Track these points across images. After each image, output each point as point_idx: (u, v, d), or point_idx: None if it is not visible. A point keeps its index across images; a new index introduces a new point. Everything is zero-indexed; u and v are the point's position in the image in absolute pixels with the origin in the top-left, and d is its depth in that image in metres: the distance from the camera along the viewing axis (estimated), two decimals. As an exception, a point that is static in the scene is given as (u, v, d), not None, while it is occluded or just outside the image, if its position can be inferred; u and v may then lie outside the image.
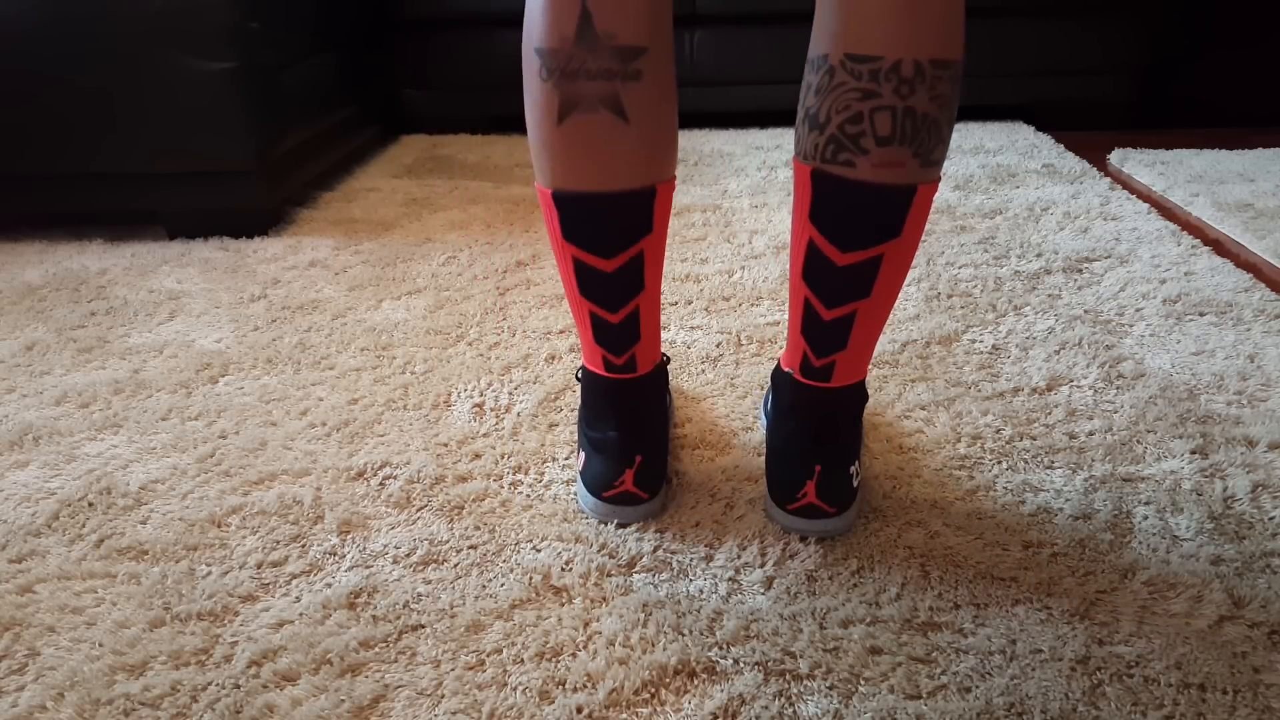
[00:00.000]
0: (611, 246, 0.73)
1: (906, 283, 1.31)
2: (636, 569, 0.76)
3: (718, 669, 0.66)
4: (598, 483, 0.81)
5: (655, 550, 0.78)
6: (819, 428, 0.78)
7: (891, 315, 1.21)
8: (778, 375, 0.82)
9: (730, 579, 0.74)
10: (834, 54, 0.65)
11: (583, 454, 0.84)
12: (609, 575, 0.75)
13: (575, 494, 0.86)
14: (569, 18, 0.66)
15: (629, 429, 0.80)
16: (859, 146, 0.66)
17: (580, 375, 0.84)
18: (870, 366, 1.08)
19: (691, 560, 0.77)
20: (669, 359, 0.87)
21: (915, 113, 0.65)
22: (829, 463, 0.78)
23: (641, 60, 0.67)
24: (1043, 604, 0.71)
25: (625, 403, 0.81)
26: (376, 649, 0.68)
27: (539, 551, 0.78)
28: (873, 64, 0.64)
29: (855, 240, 0.69)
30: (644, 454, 0.80)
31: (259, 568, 0.77)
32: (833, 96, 0.66)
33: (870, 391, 1.02)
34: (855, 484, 0.79)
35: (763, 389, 1.04)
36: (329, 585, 0.75)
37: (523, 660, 0.67)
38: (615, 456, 0.80)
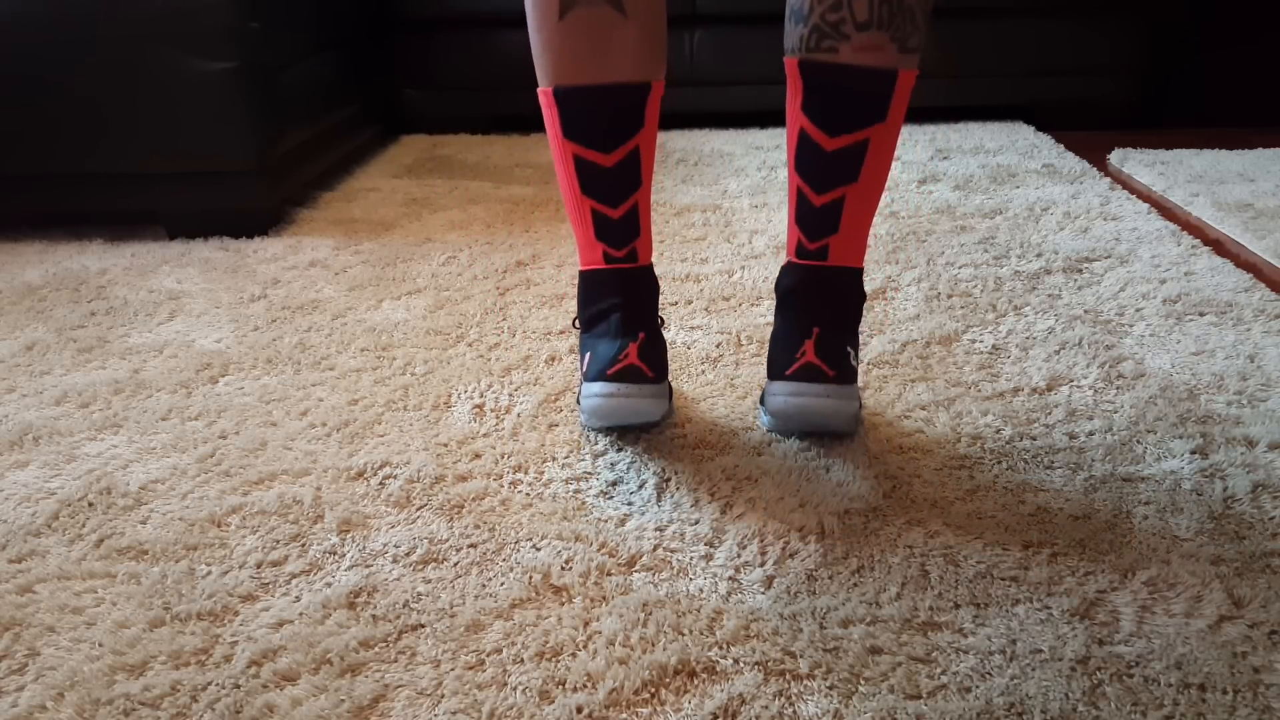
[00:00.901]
0: (610, 140, 0.76)
1: (906, 283, 1.32)
2: (636, 568, 0.76)
3: (718, 669, 0.66)
4: (602, 363, 0.81)
5: (655, 549, 0.78)
6: (816, 300, 0.82)
7: (891, 315, 1.21)
8: (780, 274, 0.86)
9: (730, 579, 0.74)
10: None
11: (585, 356, 0.85)
12: (609, 574, 0.75)
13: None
14: None
15: (632, 306, 0.82)
16: (840, 32, 0.71)
17: (578, 286, 0.87)
18: (870, 366, 1.08)
19: (691, 559, 0.77)
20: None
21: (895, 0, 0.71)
22: (827, 325, 0.81)
23: None
24: (1043, 604, 0.71)
25: (628, 286, 0.83)
26: (376, 649, 0.68)
27: (539, 550, 0.78)
28: None
29: (842, 124, 0.74)
30: (646, 332, 0.82)
31: (259, 567, 0.77)
32: None
33: (870, 392, 1.02)
34: (854, 364, 0.82)
35: (762, 389, 1.04)
36: (329, 585, 0.75)
37: (523, 660, 0.67)
38: (620, 332, 0.82)
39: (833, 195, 0.78)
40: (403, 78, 2.32)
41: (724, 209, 1.68)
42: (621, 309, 0.83)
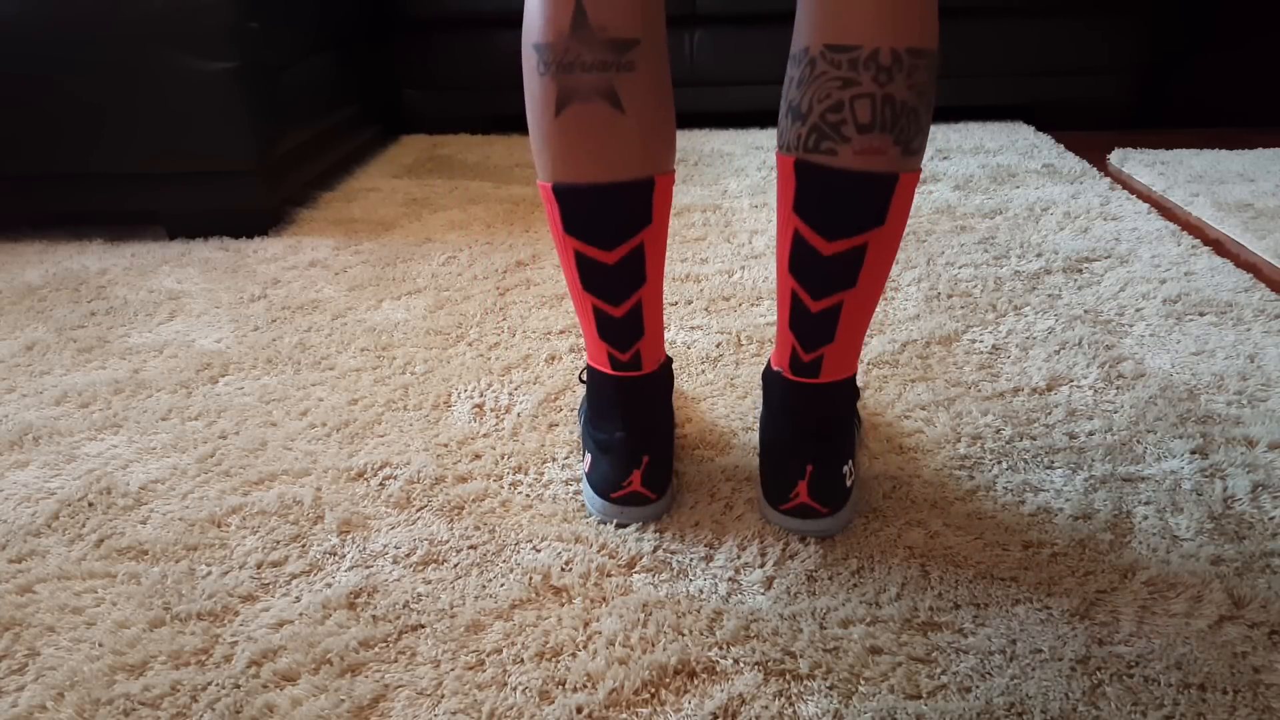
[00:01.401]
0: (611, 238, 0.74)
1: (906, 283, 1.31)
2: (636, 569, 0.76)
3: (718, 669, 0.66)
4: (605, 484, 0.81)
5: (655, 550, 0.78)
6: (810, 426, 0.78)
7: (891, 315, 1.21)
8: (768, 374, 0.82)
9: (730, 579, 0.74)
10: (814, 45, 0.67)
11: (588, 456, 0.84)
12: (609, 575, 0.75)
13: (581, 495, 0.86)
14: (564, 13, 0.68)
15: (636, 429, 0.80)
16: (840, 134, 0.67)
17: (584, 376, 0.84)
18: (870, 366, 1.08)
19: (691, 560, 0.77)
20: (670, 359, 0.87)
21: (895, 100, 0.66)
22: (821, 461, 0.78)
23: (634, 52, 0.69)
24: (1043, 604, 0.71)
25: (632, 402, 0.81)
26: (376, 649, 0.68)
27: (539, 551, 0.78)
28: (851, 53, 0.65)
29: (840, 229, 0.70)
30: (651, 454, 0.80)
31: (259, 568, 0.77)
32: (814, 86, 0.68)
33: (870, 391, 1.02)
34: (849, 483, 0.79)
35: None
36: (329, 585, 0.75)
37: (523, 660, 0.67)
38: (623, 457, 0.80)
39: (831, 301, 0.74)
40: (403, 78, 2.32)
41: (724, 209, 1.68)
42: (625, 430, 0.80)
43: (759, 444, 0.82)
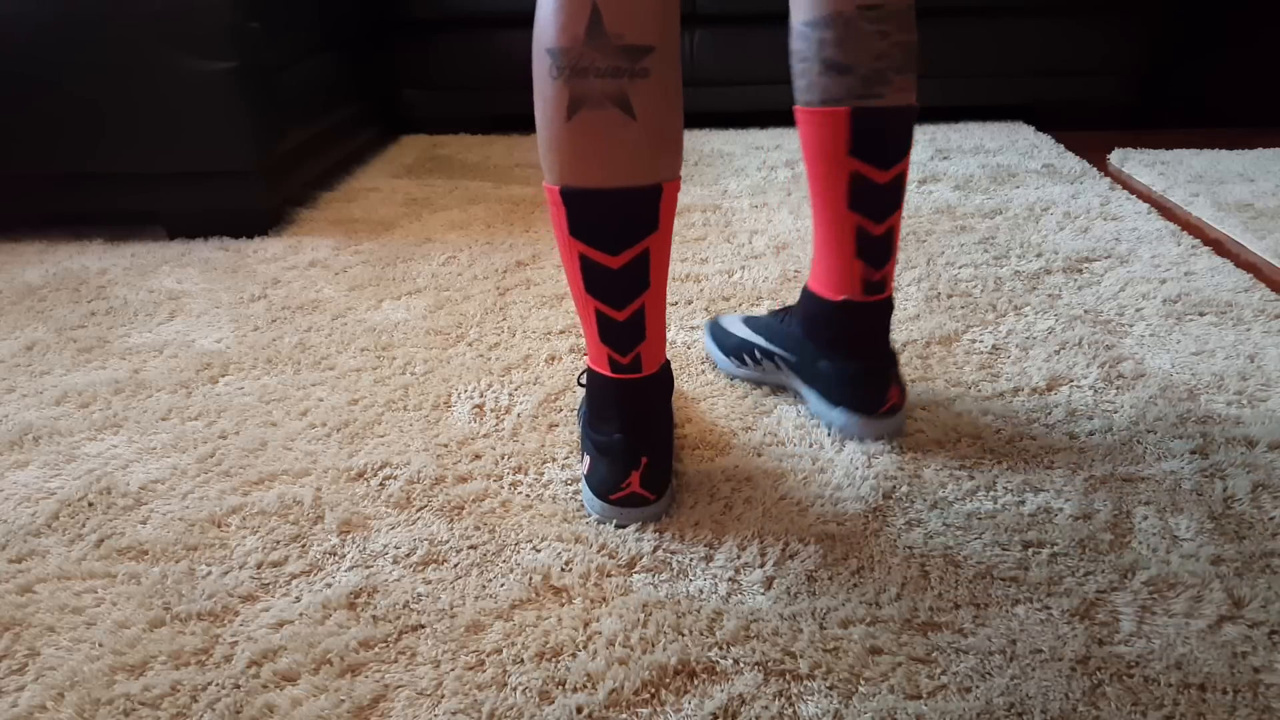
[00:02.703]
0: (617, 243, 0.75)
1: (906, 283, 1.32)
2: (636, 569, 0.76)
3: (718, 669, 0.66)
4: (604, 486, 0.81)
5: (655, 550, 0.78)
6: (886, 333, 0.91)
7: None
8: (830, 308, 0.91)
9: (730, 579, 0.74)
10: (846, 7, 0.79)
11: (587, 458, 0.84)
12: (609, 575, 0.75)
13: (580, 497, 0.86)
14: (580, 18, 0.68)
15: (635, 431, 0.81)
16: (884, 79, 0.80)
17: (583, 379, 0.84)
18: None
19: (691, 560, 0.77)
20: (668, 362, 0.87)
21: (909, 44, 0.81)
22: (896, 362, 0.93)
23: (649, 59, 0.70)
24: (1043, 604, 0.71)
25: (631, 404, 0.81)
26: (376, 649, 0.68)
27: (539, 552, 0.78)
28: (880, 10, 0.79)
29: (891, 159, 0.83)
30: (650, 456, 0.80)
31: (259, 568, 0.77)
32: (856, 42, 0.80)
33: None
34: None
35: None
36: (329, 585, 0.75)
37: (523, 660, 0.67)
38: (621, 459, 0.80)
39: (889, 223, 0.86)
40: (403, 78, 2.32)
41: (724, 209, 1.68)
42: (624, 432, 0.80)
43: (831, 373, 0.92)
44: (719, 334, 1.08)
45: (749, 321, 1.05)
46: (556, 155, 0.73)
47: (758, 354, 1.01)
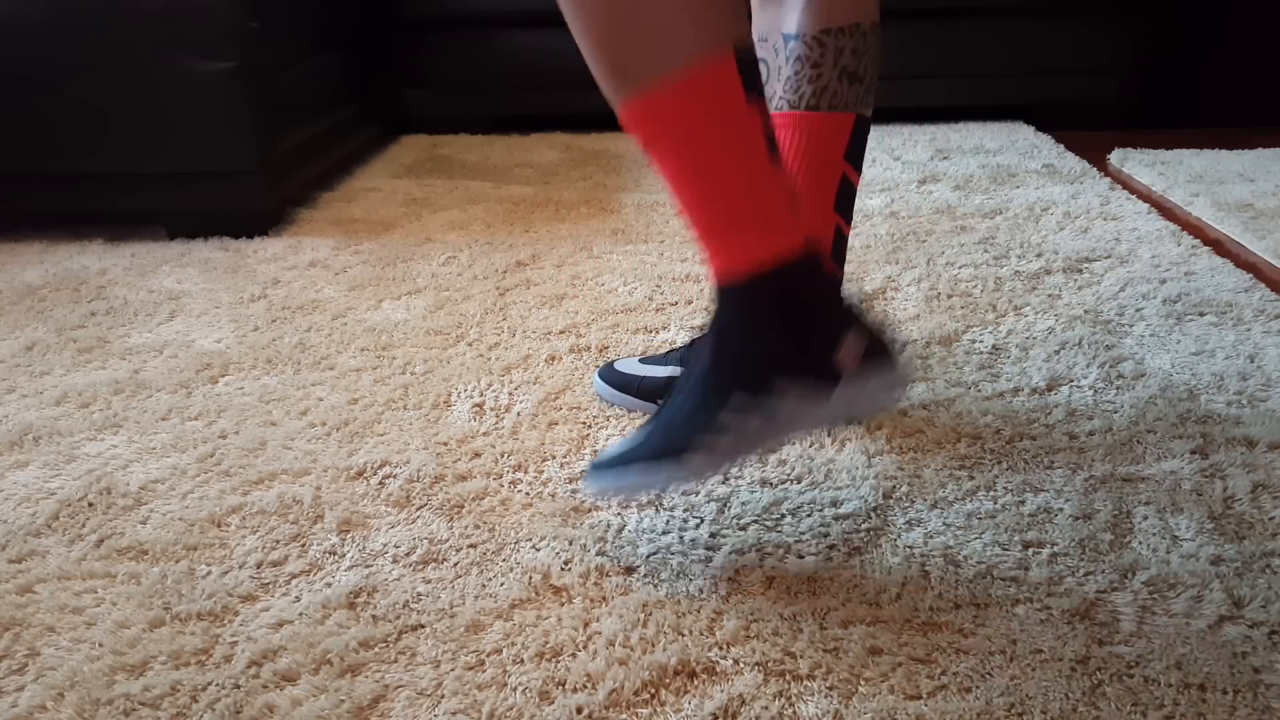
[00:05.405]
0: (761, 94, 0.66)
1: (906, 283, 1.32)
2: (636, 569, 0.76)
3: (718, 669, 0.66)
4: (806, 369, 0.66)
5: (655, 550, 0.78)
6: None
7: (892, 315, 1.21)
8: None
9: (730, 579, 0.74)
10: (864, 21, 0.83)
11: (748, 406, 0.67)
12: (609, 575, 0.75)
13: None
14: None
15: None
16: (873, 90, 0.86)
17: (741, 300, 0.67)
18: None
19: (691, 561, 0.77)
20: None
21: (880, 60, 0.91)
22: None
23: None
24: (1043, 604, 0.71)
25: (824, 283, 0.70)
26: (376, 649, 0.68)
27: (538, 551, 0.78)
28: (877, 28, 0.84)
29: (861, 164, 0.87)
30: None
31: (259, 567, 0.77)
32: (869, 55, 0.84)
33: (870, 391, 1.03)
34: None
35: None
36: (329, 585, 0.75)
37: (523, 660, 0.67)
38: (827, 334, 0.67)
39: (851, 223, 0.91)
40: (403, 78, 2.32)
41: (724, 209, 1.67)
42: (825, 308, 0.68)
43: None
44: (622, 381, 0.99)
45: (650, 361, 0.99)
46: (713, 11, 0.58)
47: None
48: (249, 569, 0.77)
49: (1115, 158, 1.93)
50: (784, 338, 0.68)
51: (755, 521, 0.81)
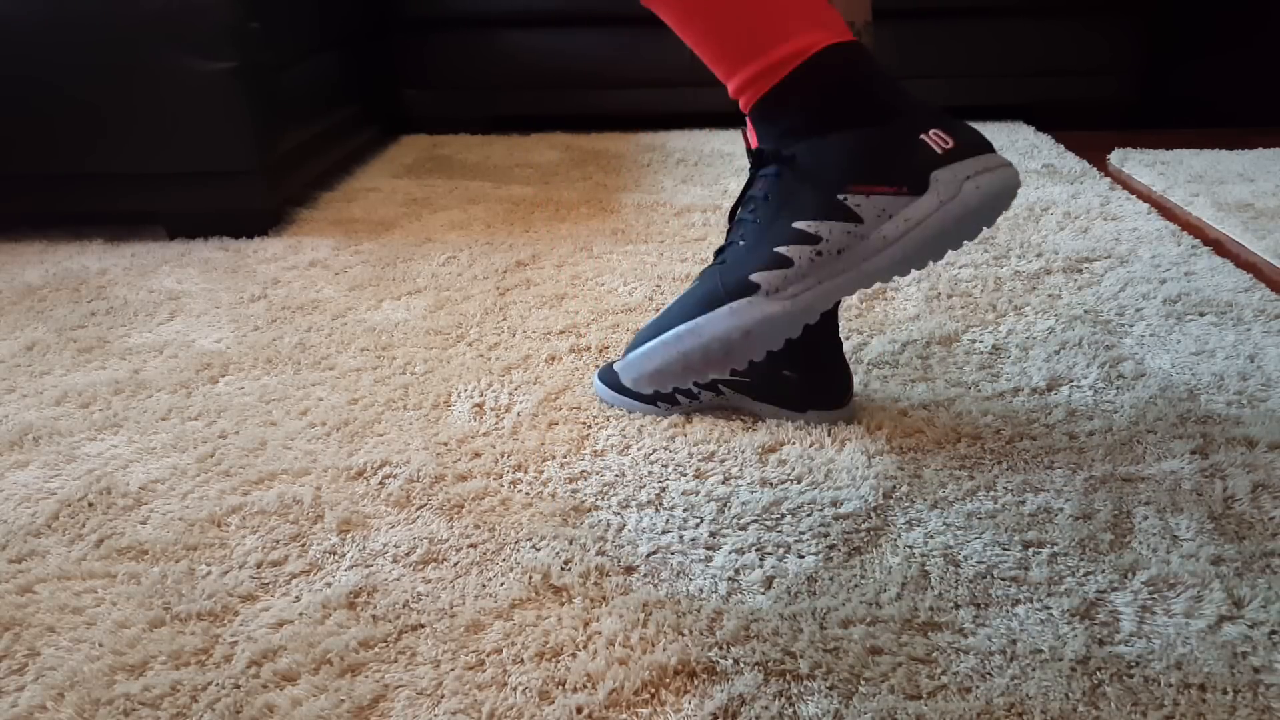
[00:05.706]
0: None
1: (906, 283, 1.32)
2: (636, 569, 0.76)
3: (718, 669, 0.66)
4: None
5: (655, 550, 0.78)
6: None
7: (891, 315, 1.21)
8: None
9: (730, 579, 0.74)
10: (858, 20, 0.83)
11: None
12: (609, 575, 0.75)
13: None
14: None
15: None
16: None
17: (813, 78, 0.59)
18: (870, 366, 1.08)
19: (691, 561, 0.77)
20: None
21: None
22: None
23: None
24: (1043, 604, 0.71)
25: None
26: (376, 649, 0.68)
27: (539, 550, 0.78)
28: (869, 26, 0.85)
29: None
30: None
31: (259, 567, 0.77)
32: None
33: (870, 391, 1.02)
34: None
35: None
36: (329, 585, 0.75)
37: (523, 660, 0.67)
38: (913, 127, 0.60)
39: None
40: (403, 78, 2.32)
41: (724, 209, 1.68)
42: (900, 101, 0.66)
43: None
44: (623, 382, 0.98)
45: None
46: None
47: (694, 387, 0.96)
48: (249, 569, 0.77)
49: (1115, 158, 1.93)
50: (856, 135, 0.57)
51: (755, 521, 0.81)
